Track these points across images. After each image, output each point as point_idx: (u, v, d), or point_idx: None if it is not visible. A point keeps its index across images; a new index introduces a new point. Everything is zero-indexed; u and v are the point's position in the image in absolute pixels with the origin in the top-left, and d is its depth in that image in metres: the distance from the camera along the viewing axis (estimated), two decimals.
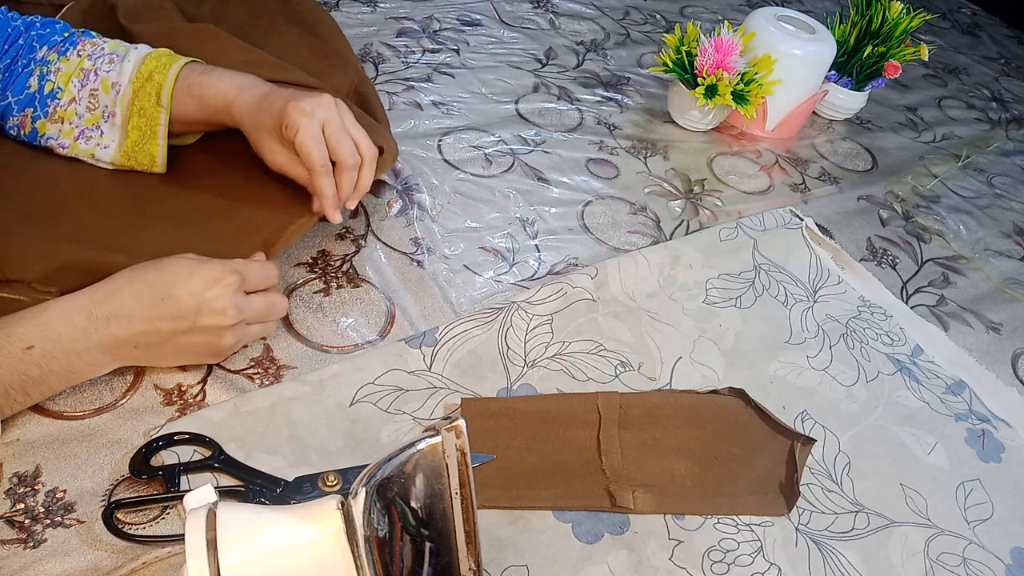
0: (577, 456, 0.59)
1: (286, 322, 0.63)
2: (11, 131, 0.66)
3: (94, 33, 0.67)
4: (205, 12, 0.84)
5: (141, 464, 0.51)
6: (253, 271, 0.56)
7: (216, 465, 0.52)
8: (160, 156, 0.66)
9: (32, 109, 0.64)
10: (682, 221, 0.85)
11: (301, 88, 0.76)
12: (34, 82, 0.64)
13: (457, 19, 1.10)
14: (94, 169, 0.67)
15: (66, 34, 0.66)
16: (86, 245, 0.58)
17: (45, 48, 0.64)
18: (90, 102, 0.64)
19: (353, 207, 0.67)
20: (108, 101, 0.65)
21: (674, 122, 1.01)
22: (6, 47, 0.64)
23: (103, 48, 0.65)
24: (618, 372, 0.66)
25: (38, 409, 0.53)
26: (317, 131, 0.61)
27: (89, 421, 0.53)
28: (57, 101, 0.64)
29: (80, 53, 0.65)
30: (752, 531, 0.58)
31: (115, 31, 0.74)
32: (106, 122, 0.65)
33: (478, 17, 1.12)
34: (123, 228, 0.63)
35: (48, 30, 0.65)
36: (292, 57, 0.80)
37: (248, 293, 0.55)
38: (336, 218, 0.64)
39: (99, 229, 0.62)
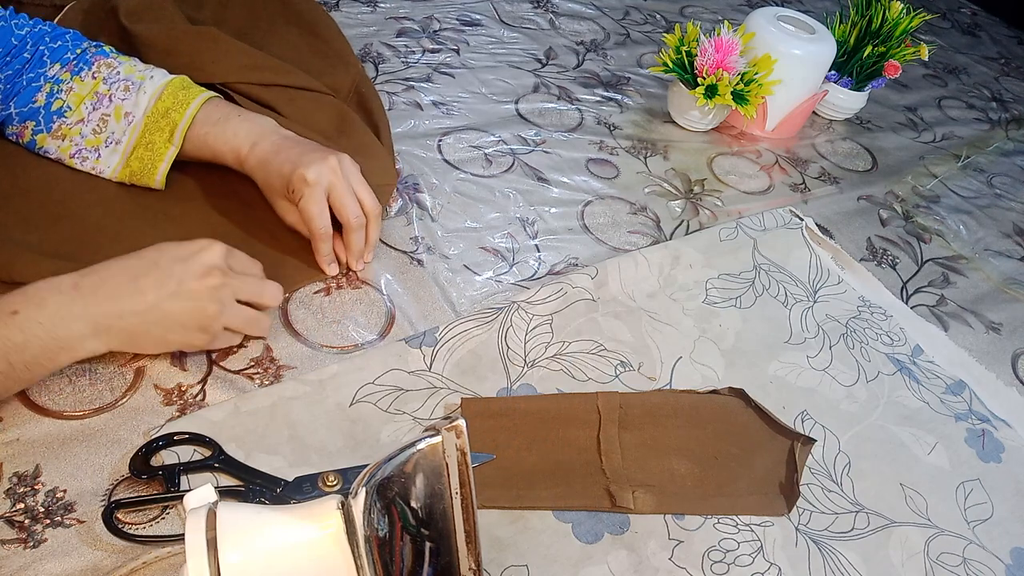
0: (577, 456, 0.59)
1: (286, 322, 0.63)
2: (10, 136, 0.66)
3: (107, 49, 0.67)
4: (206, 16, 0.84)
5: (141, 464, 0.51)
6: (238, 254, 0.57)
7: (216, 465, 0.52)
8: (158, 182, 0.67)
9: (34, 123, 0.64)
10: (682, 221, 0.85)
11: (307, 89, 0.75)
12: (41, 98, 0.64)
13: (457, 19, 1.10)
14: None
15: (79, 50, 0.65)
16: (89, 258, 0.58)
17: (58, 66, 0.64)
18: (98, 126, 0.64)
19: (369, 260, 0.69)
20: (117, 129, 0.65)
21: (674, 122, 1.01)
22: (8, 59, 0.63)
23: (119, 72, 0.65)
24: (618, 372, 0.66)
25: (38, 409, 0.53)
26: (320, 197, 0.62)
27: (89, 421, 0.53)
28: (64, 119, 0.64)
29: (95, 75, 0.64)
30: (752, 531, 0.58)
31: (116, 31, 0.74)
32: (107, 147, 0.65)
33: (478, 17, 1.12)
34: (124, 233, 0.63)
35: (59, 44, 0.65)
36: (292, 58, 0.80)
37: None
38: (332, 272, 0.67)
39: (101, 233, 0.62)
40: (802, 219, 0.88)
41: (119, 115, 0.64)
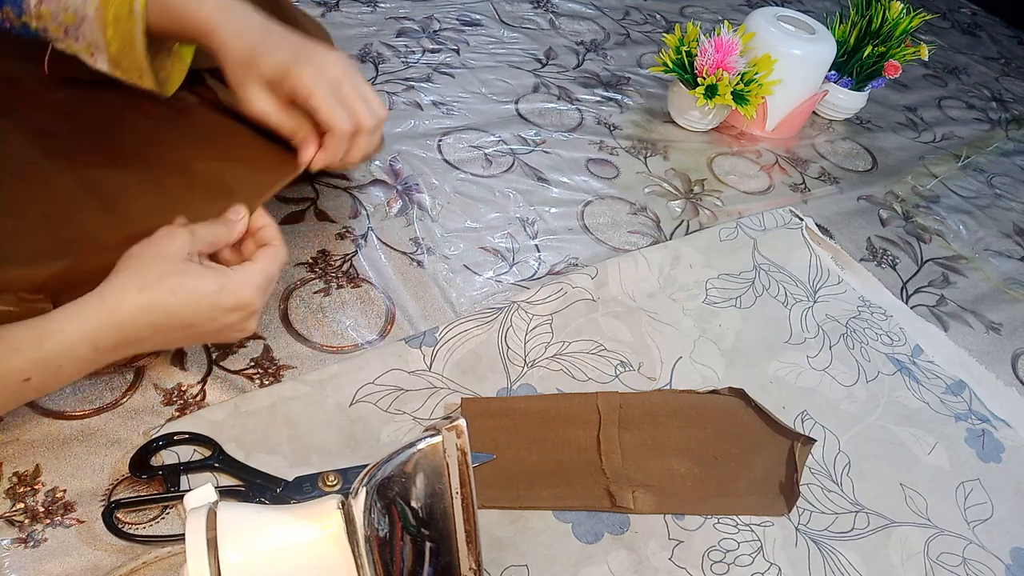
0: (577, 456, 0.59)
1: (286, 322, 0.63)
2: (3, 23, 0.59)
3: None
4: None
5: (141, 464, 0.51)
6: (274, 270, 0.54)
7: (216, 465, 0.52)
8: (147, 69, 0.58)
9: (9, 7, 0.57)
10: (682, 221, 0.85)
11: (299, 30, 0.71)
12: None
13: (457, 19, 1.10)
14: (55, 156, 0.59)
15: None
16: (75, 246, 0.53)
17: None
18: (56, 5, 0.56)
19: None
20: (77, 5, 0.56)
21: (674, 122, 1.01)
22: None
23: None
24: (618, 372, 0.66)
25: (38, 409, 0.53)
26: (334, 92, 0.56)
27: (89, 421, 0.53)
28: (27, 2, 0.56)
29: None
30: (752, 531, 0.58)
31: None
32: (84, 23, 0.57)
33: (478, 17, 1.12)
34: (100, 206, 0.57)
35: None
36: None
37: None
38: (318, 165, 0.60)
39: (76, 206, 0.56)
40: (802, 219, 0.88)
41: None
